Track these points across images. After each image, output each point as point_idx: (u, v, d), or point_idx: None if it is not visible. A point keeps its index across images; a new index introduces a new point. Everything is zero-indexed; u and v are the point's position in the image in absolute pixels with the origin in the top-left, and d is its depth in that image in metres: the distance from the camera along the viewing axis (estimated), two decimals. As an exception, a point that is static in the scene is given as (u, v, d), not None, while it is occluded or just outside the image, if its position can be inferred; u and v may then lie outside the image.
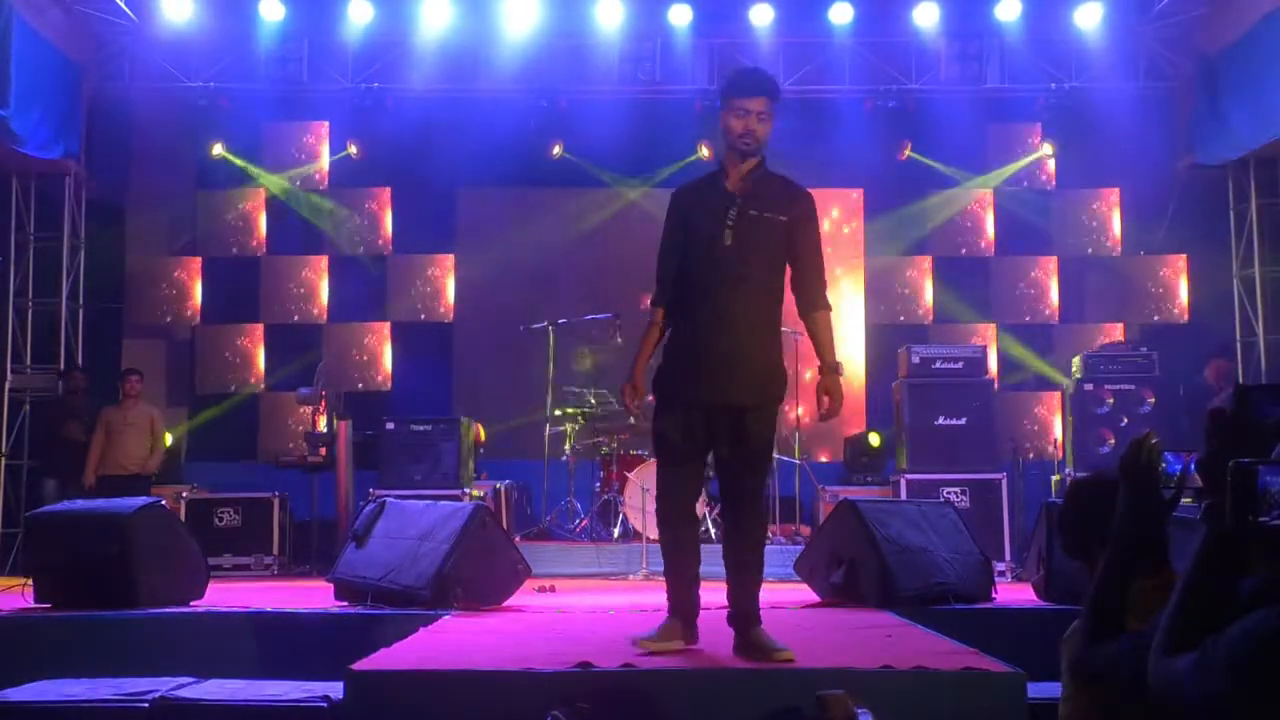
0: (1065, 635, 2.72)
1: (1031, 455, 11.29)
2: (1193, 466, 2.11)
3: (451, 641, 4.98)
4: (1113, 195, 12.33)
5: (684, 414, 4.54)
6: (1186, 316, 12.00)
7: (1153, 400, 9.52)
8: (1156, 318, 12.11)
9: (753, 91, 4.56)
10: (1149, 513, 2.23)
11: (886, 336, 11.90)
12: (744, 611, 4.48)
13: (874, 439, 11.06)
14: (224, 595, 6.94)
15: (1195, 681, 1.70)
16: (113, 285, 12.12)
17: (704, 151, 11.90)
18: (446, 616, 5.72)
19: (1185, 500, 2.30)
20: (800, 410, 10.41)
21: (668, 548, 4.68)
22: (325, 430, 10.01)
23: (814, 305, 4.63)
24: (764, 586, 4.60)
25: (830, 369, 4.57)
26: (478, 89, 11.53)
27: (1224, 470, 1.75)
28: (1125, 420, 9.47)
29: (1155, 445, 2.22)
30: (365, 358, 12.38)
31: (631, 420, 8.19)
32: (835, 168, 12.22)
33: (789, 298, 4.64)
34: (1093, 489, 2.91)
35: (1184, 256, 12.09)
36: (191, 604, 6.43)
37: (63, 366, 11.05)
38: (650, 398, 4.75)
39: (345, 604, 6.40)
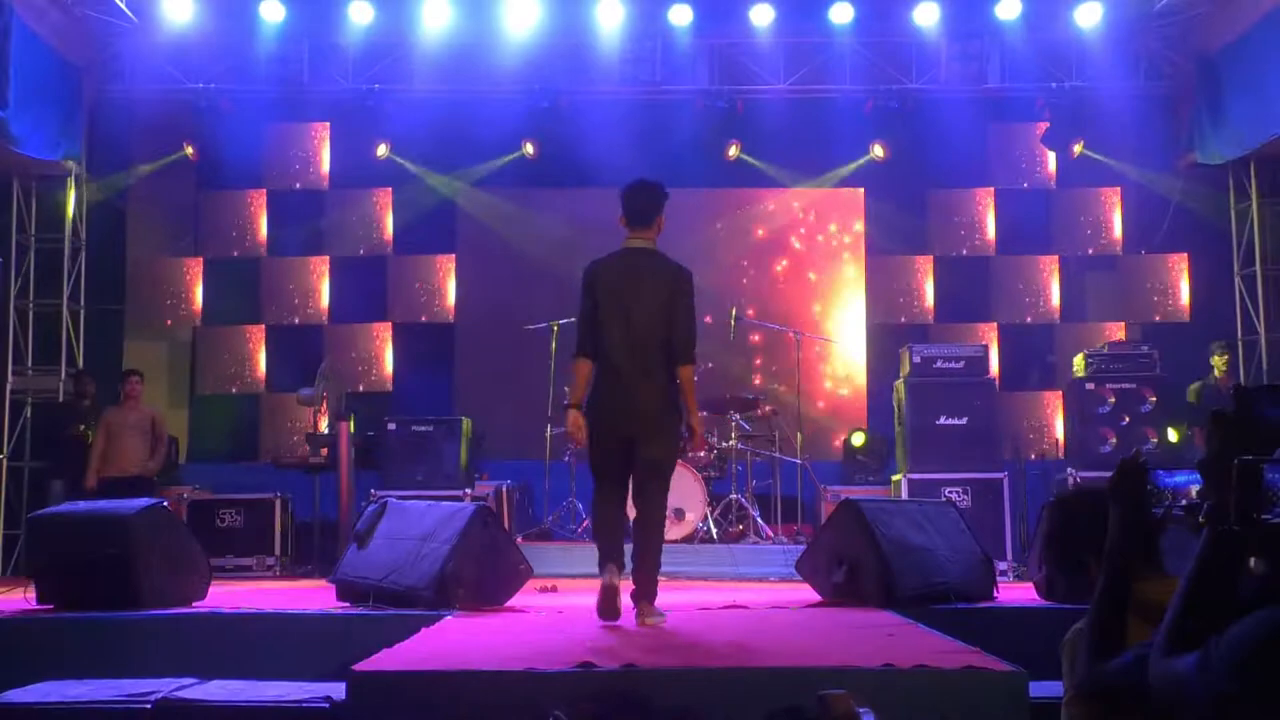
0: (1064, 640, 2.71)
1: (1033, 455, 11.29)
2: (1181, 480, 2.12)
3: (453, 642, 4.98)
4: (1114, 194, 12.34)
5: None
6: (1188, 315, 11.99)
7: (1154, 399, 9.51)
8: (1158, 316, 12.11)
9: None
10: (1142, 532, 2.23)
11: (887, 336, 11.90)
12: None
13: (857, 439, 11.08)
14: (226, 596, 6.95)
15: (1197, 682, 1.70)
16: (114, 286, 12.12)
17: (732, 151, 11.90)
18: (448, 617, 5.72)
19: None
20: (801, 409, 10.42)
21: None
22: (326, 431, 10.02)
23: None
24: (767, 586, 4.67)
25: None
26: (478, 89, 11.53)
27: (1226, 471, 1.75)
28: (1126, 419, 9.47)
29: (1144, 464, 2.22)
30: (366, 358, 12.39)
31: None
32: (835, 167, 12.24)
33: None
34: (1075, 506, 2.91)
35: (1185, 255, 12.09)
36: (194, 605, 6.44)
37: (64, 368, 11.05)
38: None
39: (347, 604, 6.40)
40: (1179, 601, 1.84)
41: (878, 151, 11.86)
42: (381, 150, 11.89)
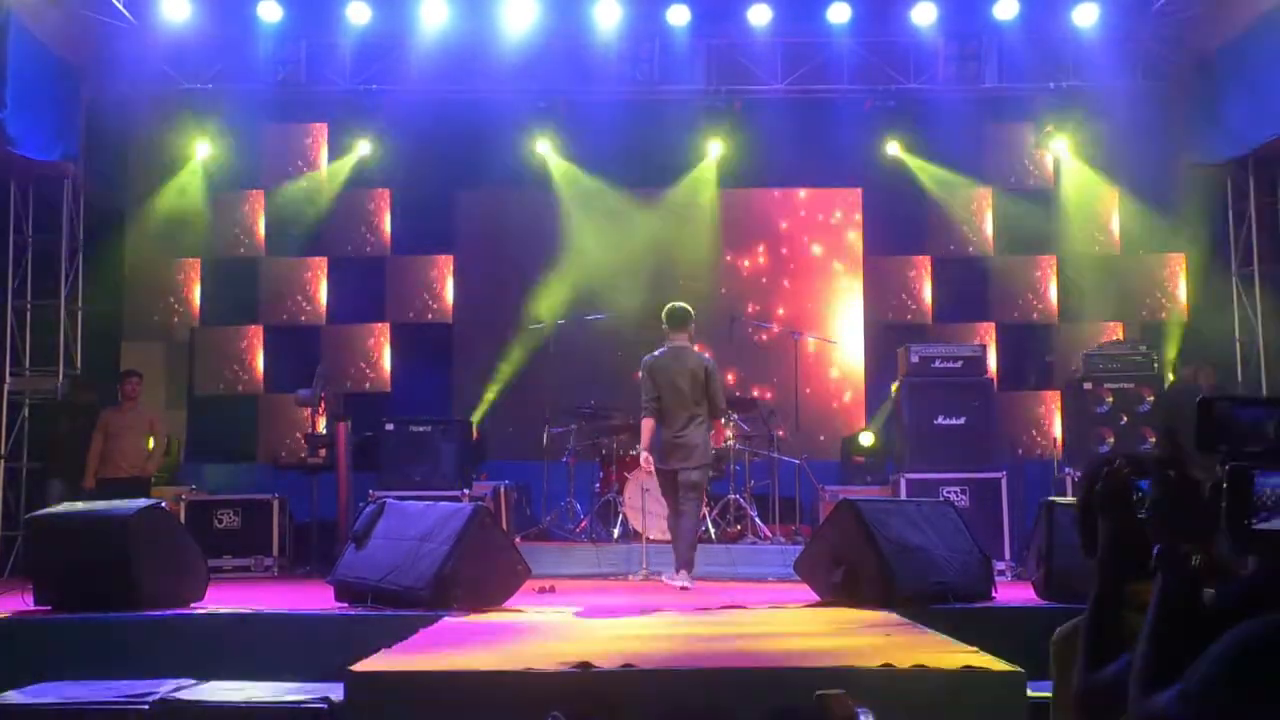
0: (1054, 638, 2.71)
1: (1031, 454, 11.29)
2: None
3: (451, 642, 4.98)
4: (1111, 194, 12.33)
5: None
6: (1186, 315, 11.99)
7: (1152, 398, 9.51)
8: (1156, 316, 12.11)
9: None
10: (1132, 538, 2.23)
11: (886, 336, 11.90)
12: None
13: (865, 438, 11.08)
14: (224, 597, 6.95)
15: (1180, 713, 1.68)
16: (112, 287, 12.10)
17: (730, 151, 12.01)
18: (446, 617, 5.72)
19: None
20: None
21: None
22: (325, 431, 10.01)
23: None
24: (765, 586, 4.72)
25: None
26: (476, 89, 11.52)
27: (1171, 516, 1.74)
28: (1124, 419, 9.47)
29: (1127, 472, 2.22)
30: (364, 359, 12.38)
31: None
32: (835, 167, 12.24)
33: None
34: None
35: (1183, 255, 12.09)
36: (191, 606, 6.44)
37: (62, 369, 11.04)
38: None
39: (345, 605, 6.40)
40: (1146, 645, 1.83)
41: (883, 150, 11.90)
42: (369, 150, 11.93)
